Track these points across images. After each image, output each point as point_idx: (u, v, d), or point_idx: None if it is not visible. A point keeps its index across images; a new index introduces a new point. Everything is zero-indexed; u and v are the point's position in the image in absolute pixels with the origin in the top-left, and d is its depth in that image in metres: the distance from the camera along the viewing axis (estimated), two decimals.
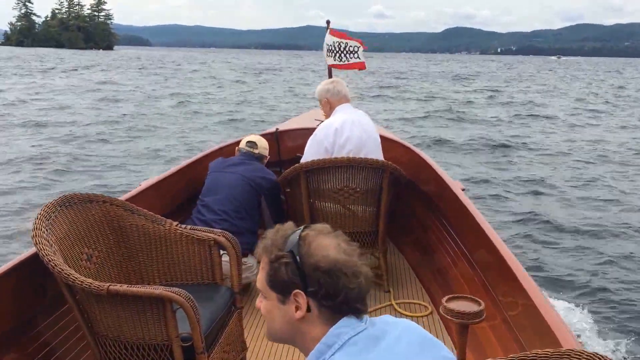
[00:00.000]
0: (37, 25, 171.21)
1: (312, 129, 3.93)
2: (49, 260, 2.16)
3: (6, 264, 2.31)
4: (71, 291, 2.25)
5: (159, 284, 2.71)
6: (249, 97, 25.87)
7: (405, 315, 3.48)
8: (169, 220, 2.79)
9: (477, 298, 2.32)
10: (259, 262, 1.35)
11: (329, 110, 3.88)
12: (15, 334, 2.31)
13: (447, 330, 3.24)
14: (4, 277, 2.23)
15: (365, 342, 1.22)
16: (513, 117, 20.12)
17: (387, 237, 3.91)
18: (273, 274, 1.29)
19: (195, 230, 2.78)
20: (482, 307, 2.23)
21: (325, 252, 1.25)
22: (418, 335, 1.30)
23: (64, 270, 2.14)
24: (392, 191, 3.71)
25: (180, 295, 2.12)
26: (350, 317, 1.25)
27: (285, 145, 4.59)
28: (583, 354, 1.32)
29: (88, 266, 2.51)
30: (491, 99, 27.24)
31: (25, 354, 2.33)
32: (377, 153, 3.78)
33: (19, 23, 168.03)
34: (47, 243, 2.22)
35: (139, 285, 2.25)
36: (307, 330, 1.28)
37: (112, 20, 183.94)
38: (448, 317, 2.23)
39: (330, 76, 4.91)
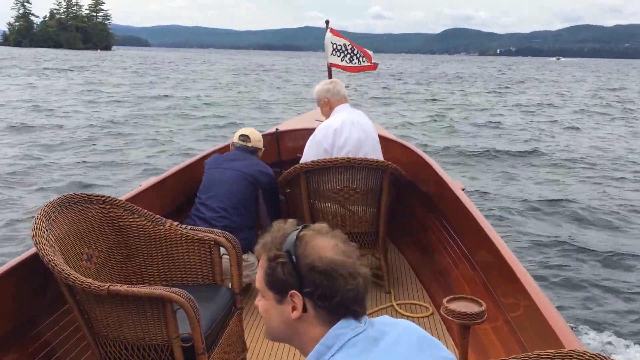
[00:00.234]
0: (35, 25, 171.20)
1: (312, 130, 3.93)
2: (49, 261, 2.15)
3: (6, 264, 2.30)
4: (71, 291, 2.24)
5: (159, 285, 2.70)
6: (241, 101, 24.90)
7: (406, 316, 3.48)
8: (169, 221, 2.78)
9: (479, 299, 2.31)
10: (258, 259, 1.35)
11: (328, 110, 3.88)
12: (16, 334, 2.30)
13: (448, 331, 3.24)
14: (4, 277, 2.22)
15: (365, 343, 1.22)
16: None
17: (388, 237, 3.91)
18: (270, 273, 1.29)
19: (195, 230, 2.77)
20: (484, 307, 2.23)
21: (322, 252, 1.24)
22: (417, 335, 1.29)
23: (64, 271, 2.14)
24: (393, 191, 3.71)
25: (180, 295, 2.11)
26: (348, 318, 1.25)
27: (285, 145, 4.58)
28: (585, 354, 1.31)
29: (88, 266, 2.50)
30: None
31: (26, 354, 2.32)
32: (376, 153, 3.78)
33: (17, 23, 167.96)
34: (47, 243, 2.21)
35: (139, 286, 2.25)
36: (304, 331, 1.28)
37: (110, 21, 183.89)
38: (449, 318, 2.22)
39: (330, 76, 4.91)
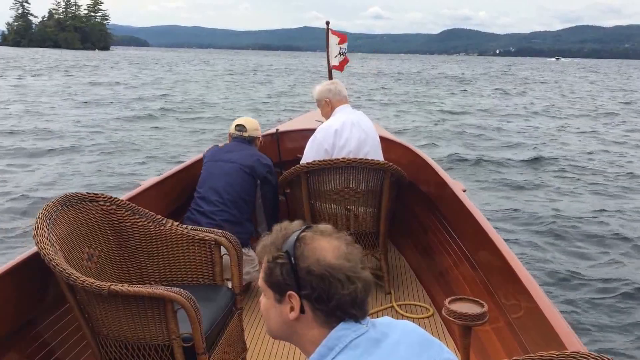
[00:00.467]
0: (34, 25, 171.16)
1: (312, 130, 3.92)
2: (51, 260, 2.15)
3: (7, 264, 2.30)
4: (72, 291, 2.23)
5: (160, 285, 2.70)
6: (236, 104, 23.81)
7: (406, 317, 3.47)
8: (170, 221, 2.78)
9: (480, 300, 2.31)
10: (259, 258, 1.35)
11: (329, 111, 3.87)
12: (16, 334, 2.29)
13: (449, 332, 3.23)
14: (4, 276, 2.22)
15: (367, 345, 1.22)
16: None
17: (388, 238, 3.90)
18: (269, 273, 1.29)
19: (196, 230, 2.77)
20: (485, 309, 2.22)
21: (321, 255, 1.24)
22: (418, 336, 1.29)
23: (65, 270, 2.13)
24: (393, 192, 3.70)
25: (181, 295, 2.11)
26: (348, 320, 1.24)
27: (285, 146, 4.58)
28: (589, 356, 1.30)
29: (89, 266, 2.50)
30: None
31: (26, 354, 2.31)
32: (377, 154, 3.77)
33: (16, 23, 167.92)
34: (48, 242, 2.20)
35: (140, 285, 2.24)
36: (303, 332, 1.28)
37: (109, 21, 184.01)
38: (451, 319, 2.22)
39: (330, 77, 4.95)
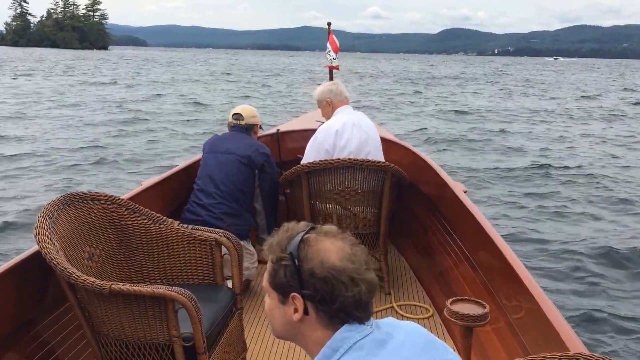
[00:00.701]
0: (32, 25, 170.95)
1: (313, 130, 3.93)
2: (52, 259, 2.14)
3: (7, 263, 2.29)
4: (73, 290, 2.23)
5: (160, 284, 2.69)
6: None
7: (406, 317, 3.47)
8: (171, 220, 2.78)
9: (481, 301, 2.30)
10: (265, 259, 1.34)
11: (330, 111, 3.87)
12: (16, 333, 2.29)
13: (449, 333, 3.23)
14: (5, 275, 2.21)
15: (371, 346, 1.21)
16: None
17: (388, 238, 3.90)
18: (273, 274, 1.29)
19: (196, 230, 2.77)
20: (487, 309, 2.22)
21: (325, 257, 1.23)
22: (422, 337, 1.29)
23: (66, 269, 2.13)
24: (394, 193, 3.70)
25: (183, 295, 2.11)
26: (352, 322, 1.24)
27: (285, 146, 4.58)
28: (592, 357, 1.30)
29: (89, 265, 2.49)
30: None
31: (26, 353, 2.31)
32: (378, 154, 3.77)
33: (14, 23, 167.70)
34: (49, 241, 2.20)
35: (141, 285, 2.24)
36: (307, 333, 1.28)
37: (107, 20, 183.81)
38: (452, 320, 2.21)
39: (331, 78, 4.98)
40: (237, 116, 3.78)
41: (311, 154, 3.72)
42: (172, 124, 16.51)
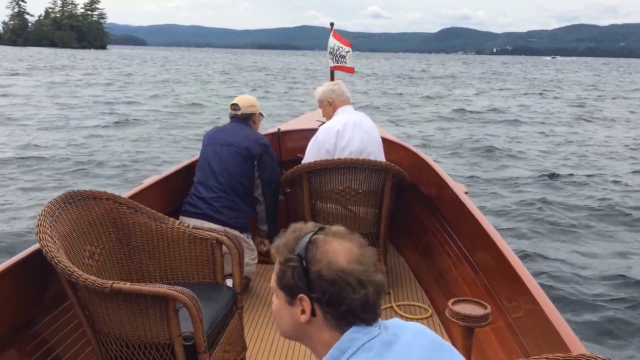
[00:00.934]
0: (30, 24, 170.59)
1: (313, 130, 3.92)
2: (53, 257, 2.14)
3: (8, 261, 2.28)
4: (73, 289, 2.22)
5: (160, 283, 2.69)
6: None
7: (405, 317, 3.47)
8: (172, 219, 2.77)
9: (482, 301, 2.30)
10: (273, 260, 1.33)
11: (331, 111, 3.86)
12: (16, 331, 2.28)
13: (447, 334, 3.22)
14: (5, 273, 2.21)
15: (380, 347, 1.21)
16: None
17: (388, 239, 3.89)
18: (281, 275, 1.28)
19: (197, 229, 2.77)
20: (488, 310, 2.21)
21: (333, 258, 1.23)
22: (429, 338, 1.29)
23: (67, 268, 2.12)
24: (394, 193, 3.70)
25: (184, 294, 2.11)
26: (359, 324, 1.23)
27: (286, 145, 4.57)
28: (597, 358, 1.29)
29: (90, 263, 2.49)
30: None
31: (26, 351, 2.30)
32: (379, 155, 3.77)
33: (12, 22, 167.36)
34: (50, 240, 2.19)
35: (142, 284, 2.24)
36: (315, 335, 1.27)
37: (105, 20, 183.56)
38: (454, 320, 2.21)
39: (332, 78, 4.95)
40: (234, 106, 3.77)
41: (312, 154, 3.71)
42: (161, 128, 15.67)
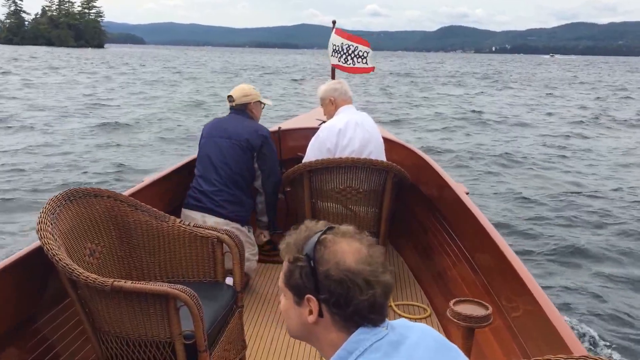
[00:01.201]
0: (26, 23, 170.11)
1: (314, 129, 3.92)
2: (54, 255, 2.13)
3: (8, 258, 2.28)
4: (74, 286, 2.22)
5: (160, 281, 2.69)
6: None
7: (404, 317, 3.46)
8: (173, 217, 2.76)
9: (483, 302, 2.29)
10: (282, 259, 1.32)
11: (332, 110, 3.85)
12: (16, 328, 2.27)
13: (446, 334, 3.22)
14: (6, 270, 2.20)
15: (387, 348, 1.21)
16: None
17: (387, 238, 3.89)
18: (289, 275, 1.28)
19: (198, 227, 2.76)
20: (490, 311, 2.20)
21: (341, 259, 1.22)
22: (434, 339, 1.29)
23: (68, 265, 2.11)
24: (395, 193, 3.70)
25: (185, 292, 2.10)
26: (367, 325, 1.23)
27: (286, 144, 4.57)
28: None
29: (90, 261, 2.48)
30: None
31: (26, 349, 2.29)
32: (380, 154, 3.76)
33: (8, 20, 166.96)
34: (51, 237, 2.19)
35: (143, 282, 2.23)
36: (322, 335, 1.27)
37: (103, 18, 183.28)
38: (455, 321, 2.20)
39: (333, 77, 4.92)
40: (230, 98, 3.76)
41: (313, 153, 3.70)
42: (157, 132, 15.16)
